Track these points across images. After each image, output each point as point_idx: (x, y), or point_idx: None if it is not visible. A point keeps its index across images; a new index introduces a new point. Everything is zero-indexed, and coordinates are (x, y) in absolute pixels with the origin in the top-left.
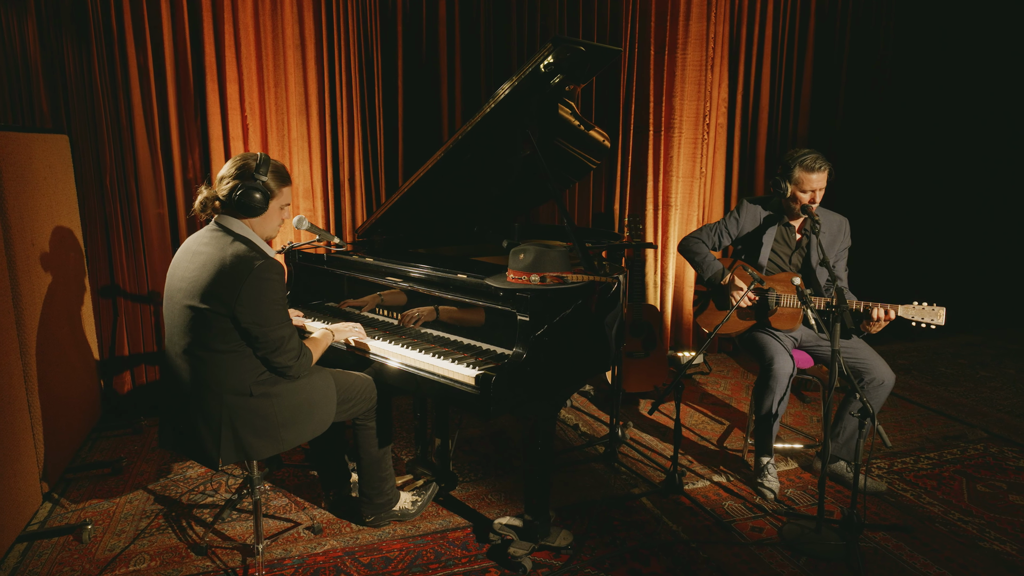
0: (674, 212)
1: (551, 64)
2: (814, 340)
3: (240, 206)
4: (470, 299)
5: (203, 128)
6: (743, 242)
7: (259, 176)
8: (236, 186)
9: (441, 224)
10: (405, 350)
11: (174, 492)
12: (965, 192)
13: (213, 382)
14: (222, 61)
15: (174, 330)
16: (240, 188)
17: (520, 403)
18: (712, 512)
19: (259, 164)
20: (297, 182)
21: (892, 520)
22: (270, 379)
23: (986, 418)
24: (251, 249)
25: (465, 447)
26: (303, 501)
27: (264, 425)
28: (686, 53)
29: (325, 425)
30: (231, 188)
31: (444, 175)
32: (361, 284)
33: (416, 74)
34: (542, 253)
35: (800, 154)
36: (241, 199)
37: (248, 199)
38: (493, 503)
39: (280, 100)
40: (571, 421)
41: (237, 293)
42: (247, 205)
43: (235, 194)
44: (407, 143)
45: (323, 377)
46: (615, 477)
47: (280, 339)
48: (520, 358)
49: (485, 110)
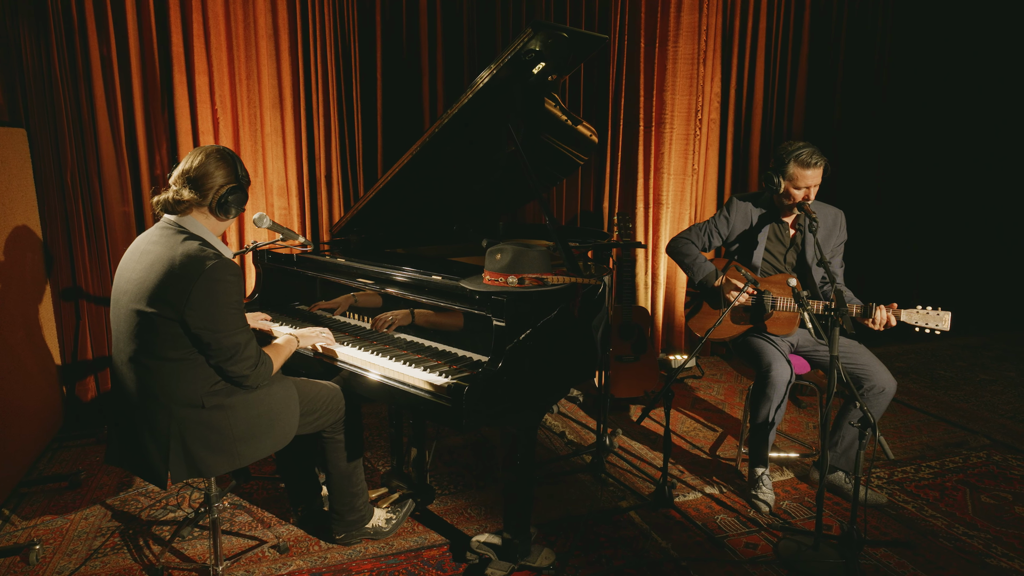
0: (665, 210)
1: (532, 51)
2: (811, 344)
3: (223, 207)
4: (445, 302)
5: (171, 122)
6: (735, 242)
7: (240, 175)
8: (230, 189)
9: (422, 223)
10: (374, 357)
11: (134, 507)
12: (966, 190)
13: (161, 393)
14: (190, 51)
15: (120, 336)
16: (233, 192)
17: (497, 415)
18: (704, 527)
19: (236, 161)
20: (271, 179)
21: (893, 535)
22: (225, 389)
23: (988, 424)
24: (204, 247)
25: (445, 456)
26: (271, 516)
27: (218, 439)
28: (677, 46)
29: (287, 439)
30: (227, 190)
31: (422, 170)
32: (333, 286)
33: (396, 66)
34: (520, 253)
35: (795, 148)
36: (233, 202)
37: (238, 201)
38: (472, 518)
39: (252, 93)
40: (558, 428)
41: (187, 295)
42: (231, 207)
43: (228, 197)
44: (387, 138)
45: (285, 387)
46: (602, 489)
47: (235, 346)
48: (495, 367)
49: (463, 100)
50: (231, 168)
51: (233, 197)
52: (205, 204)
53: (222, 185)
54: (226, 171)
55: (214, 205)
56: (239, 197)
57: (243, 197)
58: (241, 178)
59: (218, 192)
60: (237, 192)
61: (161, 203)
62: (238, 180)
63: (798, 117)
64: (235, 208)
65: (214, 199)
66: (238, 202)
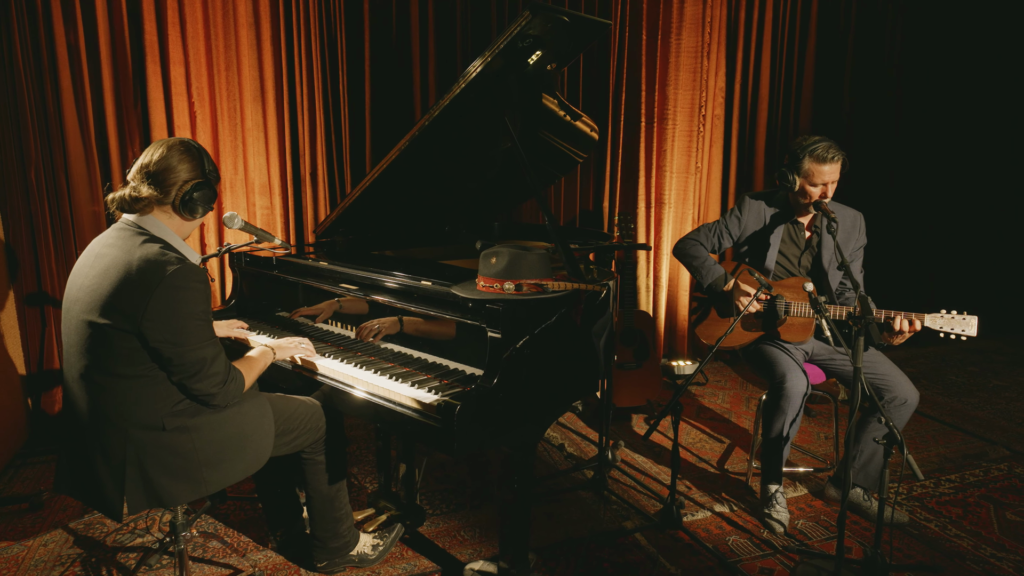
0: (668, 210)
1: (530, 36)
2: (826, 353)
3: (191, 207)
4: (436, 311)
5: (144, 116)
6: (746, 243)
7: (208, 171)
8: (196, 184)
9: (412, 223)
10: (358, 370)
11: (98, 531)
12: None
13: (116, 414)
14: (165, 41)
15: (71, 350)
16: (199, 188)
17: (492, 436)
18: (715, 550)
19: (203, 155)
20: (253, 177)
21: (918, 557)
22: (189, 409)
23: (1006, 433)
24: (165, 251)
25: (436, 473)
26: (247, 541)
27: (182, 465)
28: (680, 38)
29: (260, 462)
30: (192, 186)
31: (411, 167)
32: (315, 292)
33: (385, 56)
34: (518, 256)
35: (810, 142)
36: (199, 200)
37: (205, 199)
38: (466, 541)
39: (232, 85)
40: (556, 440)
41: (144, 305)
42: (198, 206)
43: (192, 194)
44: (376, 133)
45: (258, 404)
46: (605, 508)
47: (200, 361)
48: (490, 383)
49: (454, 91)
50: (197, 162)
51: (199, 194)
52: (167, 202)
53: (187, 181)
54: (191, 165)
55: (177, 203)
56: (206, 194)
57: (211, 194)
58: (208, 173)
59: (182, 188)
60: (204, 188)
61: (117, 201)
62: (205, 175)
63: (805, 112)
64: (202, 207)
65: (177, 196)
66: (205, 200)
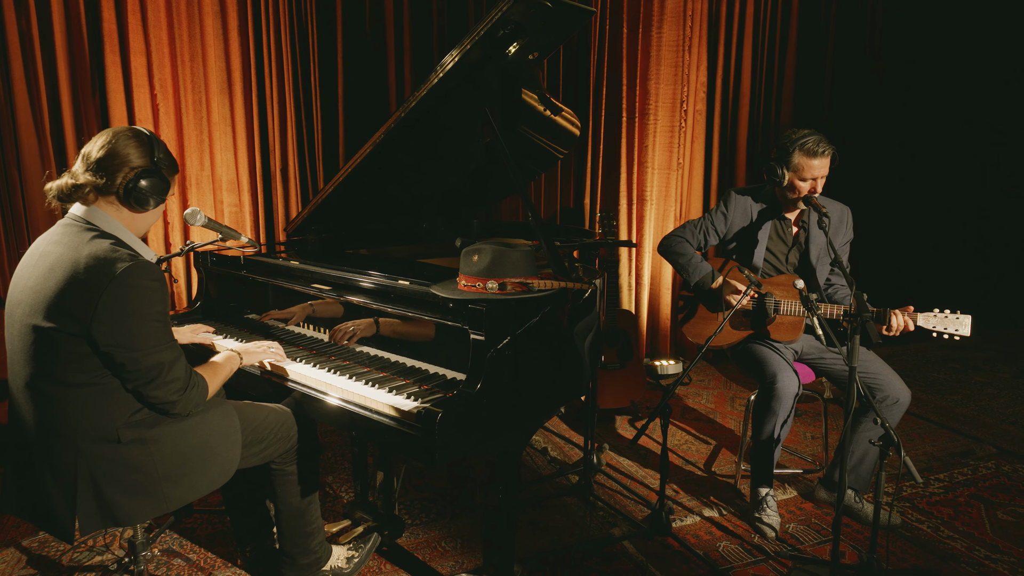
0: (649, 207)
1: (511, 22)
2: (816, 352)
3: (138, 197)
4: (414, 312)
5: (103, 108)
6: (733, 240)
7: (158, 159)
8: (143, 171)
9: (389, 221)
10: (331, 376)
11: (54, 550)
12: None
13: (65, 426)
14: (124, 29)
15: (15, 357)
16: (146, 176)
17: (476, 444)
18: (706, 557)
19: (154, 142)
20: (220, 173)
21: (912, 560)
22: (148, 419)
23: (991, 430)
24: (117, 247)
25: (416, 480)
26: (215, 558)
27: (139, 480)
28: (662, 31)
29: (226, 475)
30: (138, 173)
31: (386, 162)
32: (286, 293)
33: (359, 48)
34: (501, 254)
35: (799, 136)
36: (147, 189)
37: (156, 189)
38: (448, 552)
39: (197, 76)
40: (539, 444)
41: (93, 305)
42: (147, 196)
43: (139, 183)
44: (349, 128)
45: (223, 413)
46: (591, 515)
47: (157, 366)
48: (473, 388)
49: (432, 80)
50: (146, 148)
51: (148, 183)
52: (112, 191)
53: (133, 168)
54: (139, 152)
55: (123, 193)
56: (156, 184)
57: (162, 185)
58: (159, 161)
59: (127, 176)
60: (153, 177)
61: (55, 190)
62: (154, 163)
63: (787, 107)
64: (153, 198)
65: (122, 185)
66: (156, 190)
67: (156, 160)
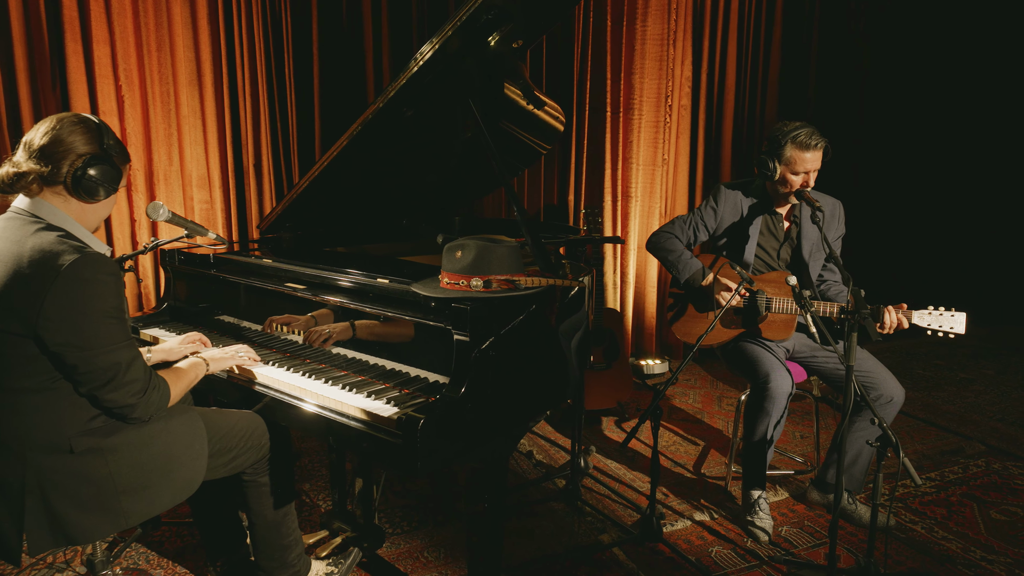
0: (634, 204)
1: (494, 7)
2: (809, 350)
3: (88, 187)
4: (394, 311)
5: (64, 100)
6: (723, 236)
7: (107, 145)
8: (91, 158)
9: (367, 217)
10: (305, 380)
11: (9, 567)
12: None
13: (10, 435)
14: (87, 16)
15: None
16: (95, 163)
17: (460, 452)
18: (698, 563)
19: (103, 129)
20: (190, 168)
21: (908, 563)
22: (105, 427)
23: (979, 428)
24: (64, 240)
25: (396, 487)
26: (184, 573)
27: (95, 494)
28: (646, 25)
29: (192, 487)
30: (86, 161)
31: (365, 156)
32: (259, 292)
33: (335, 38)
34: (486, 250)
35: (791, 128)
36: (96, 178)
37: (107, 178)
38: (430, 563)
39: (165, 67)
40: (524, 447)
41: (40, 302)
42: (96, 185)
43: (87, 171)
44: (325, 122)
45: (188, 420)
46: (579, 520)
47: (112, 367)
48: (457, 393)
49: (412, 69)
50: (94, 135)
51: (96, 171)
52: (59, 181)
53: (80, 155)
54: (86, 138)
55: (70, 182)
56: (106, 172)
57: (113, 173)
58: (108, 148)
59: (74, 164)
60: (101, 164)
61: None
62: (103, 149)
63: (772, 101)
64: (103, 187)
65: (69, 173)
66: (107, 178)
67: (105, 147)
